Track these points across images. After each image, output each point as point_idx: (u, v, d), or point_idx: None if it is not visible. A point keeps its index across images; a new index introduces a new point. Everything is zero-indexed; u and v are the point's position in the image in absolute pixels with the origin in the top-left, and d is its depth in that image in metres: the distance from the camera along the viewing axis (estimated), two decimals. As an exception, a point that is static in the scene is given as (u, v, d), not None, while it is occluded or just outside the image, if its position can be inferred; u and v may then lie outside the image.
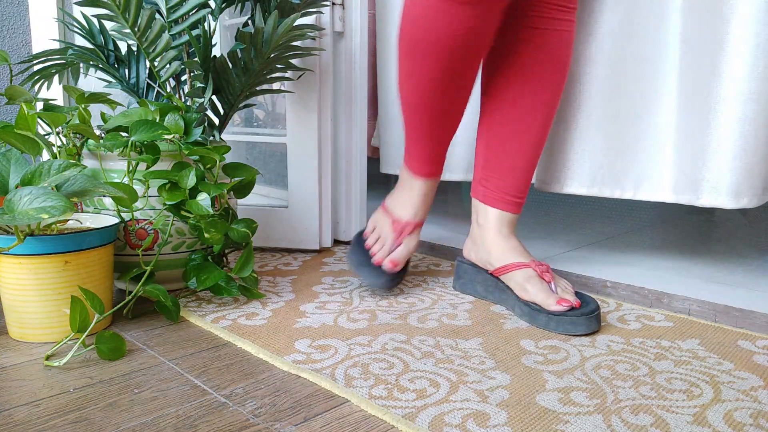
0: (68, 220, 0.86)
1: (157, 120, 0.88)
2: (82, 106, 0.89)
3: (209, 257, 0.94)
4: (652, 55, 0.95)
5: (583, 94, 1.00)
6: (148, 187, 0.88)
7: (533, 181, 1.10)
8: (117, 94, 1.11)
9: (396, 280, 0.97)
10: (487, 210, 0.93)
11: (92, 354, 0.73)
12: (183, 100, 1.02)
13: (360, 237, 1.01)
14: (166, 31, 0.94)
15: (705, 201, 0.91)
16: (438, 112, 0.88)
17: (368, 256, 0.96)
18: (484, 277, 0.94)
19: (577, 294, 0.85)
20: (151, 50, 0.94)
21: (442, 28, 0.78)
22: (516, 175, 0.92)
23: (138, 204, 0.88)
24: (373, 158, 1.73)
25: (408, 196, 0.98)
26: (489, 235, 0.93)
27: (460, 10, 0.76)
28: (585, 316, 0.80)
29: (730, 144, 0.86)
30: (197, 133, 0.91)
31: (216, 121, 1.05)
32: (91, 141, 0.90)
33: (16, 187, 0.69)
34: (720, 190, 0.89)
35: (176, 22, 0.96)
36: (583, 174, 1.03)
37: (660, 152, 0.97)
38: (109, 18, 0.93)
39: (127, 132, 0.87)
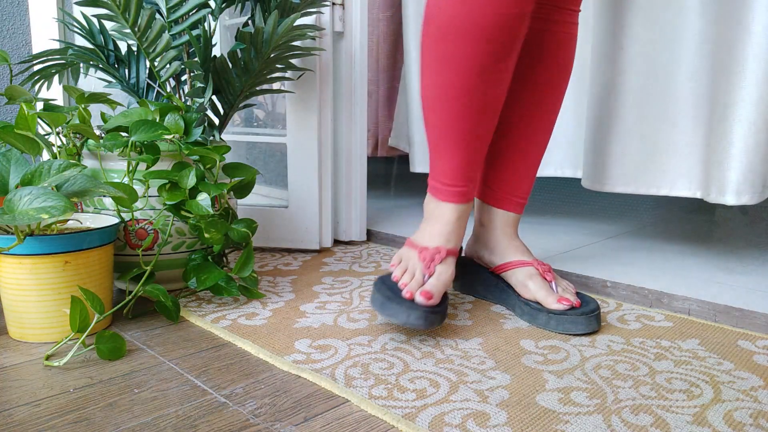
0: (68, 220, 0.86)
1: (157, 120, 0.88)
2: (82, 106, 0.89)
3: (209, 257, 0.94)
4: (677, 66, 1.02)
5: (618, 101, 1.08)
6: (148, 187, 0.88)
7: (581, 177, 1.19)
8: (117, 94, 1.11)
9: (432, 318, 0.76)
10: (491, 210, 0.93)
11: (92, 354, 0.73)
12: (183, 100, 1.02)
13: (382, 277, 0.84)
14: (166, 31, 0.94)
15: (730, 199, 0.95)
16: (477, 107, 0.79)
17: (396, 290, 0.79)
18: (485, 276, 0.94)
19: (578, 294, 0.85)
20: (151, 50, 0.94)
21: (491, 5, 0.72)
22: (520, 178, 0.92)
23: (138, 204, 0.88)
24: (373, 158, 1.74)
25: (436, 226, 0.85)
26: (493, 235, 0.93)
27: None
28: (585, 315, 0.80)
29: (735, 144, 0.92)
30: (197, 133, 0.91)
31: (216, 121, 1.05)
32: (91, 141, 0.90)
33: (16, 187, 0.69)
34: (725, 188, 0.94)
35: (176, 22, 0.96)
36: (625, 174, 1.10)
37: (689, 152, 1.03)
38: (109, 18, 0.93)
39: (127, 132, 0.87)
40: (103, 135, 0.92)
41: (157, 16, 0.94)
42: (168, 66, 0.96)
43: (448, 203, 0.85)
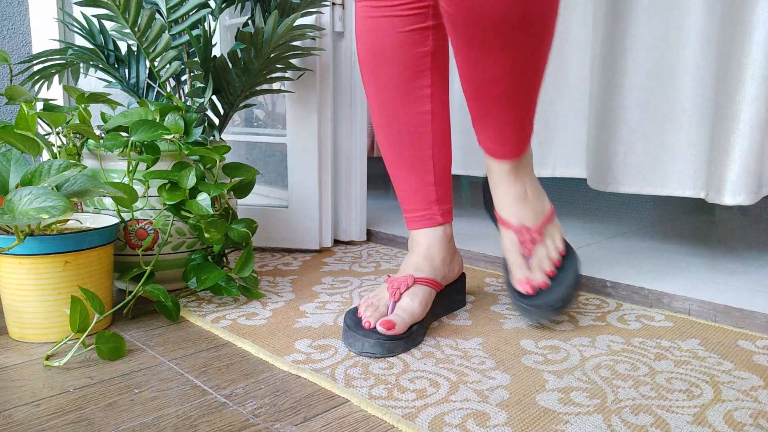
0: (68, 220, 0.86)
1: (157, 120, 0.88)
2: (82, 106, 0.89)
3: (209, 257, 0.94)
4: (680, 66, 1.01)
5: (622, 102, 1.07)
6: (148, 187, 0.88)
7: (587, 178, 1.17)
8: (117, 94, 1.11)
9: (390, 345, 0.73)
10: (488, 160, 0.85)
11: (92, 354, 0.73)
12: (183, 100, 1.02)
13: (350, 309, 0.82)
14: (166, 31, 0.94)
15: (727, 200, 0.95)
16: (398, 127, 0.82)
17: (358, 321, 0.77)
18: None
19: (563, 262, 0.82)
20: (151, 50, 0.94)
21: None
22: (497, 126, 0.81)
23: (138, 204, 0.88)
24: (373, 158, 1.74)
25: (410, 257, 0.85)
26: (492, 182, 0.85)
27: None
28: (536, 307, 0.79)
29: (732, 144, 0.91)
30: (197, 133, 0.91)
31: (216, 121, 1.05)
32: (91, 141, 0.90)
33: (16, 187, 0.69)
34: (723, 188, 0.93)
35: (176, 22, 0.96)
36: (629, 174, 1.09)
37: (693, 153, 1.02)
38: (109, 18, 0.93)
39: (127, 132, 0.87)
40: (103, 135, 0.92)
41: (157, 16, 0.94)
42: (168, 66, 0.96)
43: (415, 230, 0.86)
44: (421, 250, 0.85)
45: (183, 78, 1.04)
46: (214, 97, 1.03)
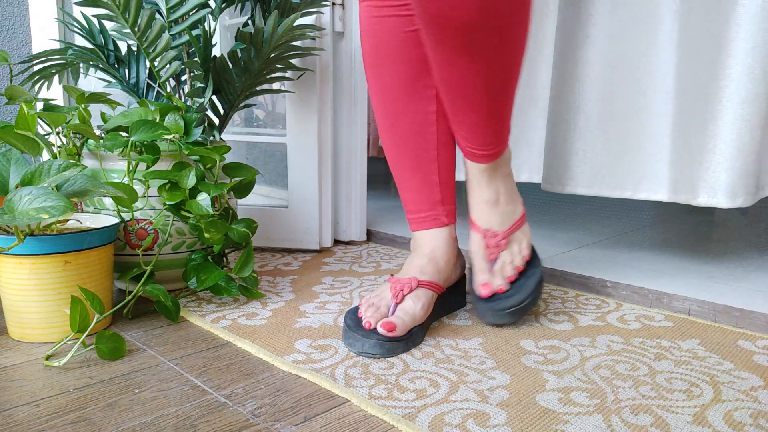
0: (68, 220, 0.86)
1: (157, 120, 0.88)
2: (82, 106, 0.89)
3: (209, 257, 0.94)
4: (650, 57, 0.96)
5: (582, 95, 1.01)
6: (148, 187, 0.88)
7: (540, 181, 1.11)
8: (117, 94, 1.11)
9: (391, 346, 0.73)
10: (466, 161, 0.86)
11: (92, 354, 0.73)
12: (183, 100, 1.02)
13: (350, 309, 0.81)
14: (166, 31, 0.94)
15: (702, 200, 0.92)
16: (404, 127, 0.81)
17: (359, 321, 0.77)
18: None
19: (527, 269, 0.82)
20: (151, 50, 0.94)
21: None
22: (469, 127, 0.82)
23: (138, 204, 0.88)
24: (373, 158, 1.74)
25: (414, 260, 0.84)
26: (468, 185, 0.86)
27: None
28: (491, 310, 0.80)
29: (726, 144, 0.88)
30: (197, 133, 0.91)
31: (216, 121, 1.05)
32: (91, 141, 0.90)
33: (16, 187, 0.69)
34: (717, 190, 0.90)
35: (176, 22, 0.96)
36: (585, 174, 1.04)
37: (659, 152, 0.98)
38: (109, 18, 0.93)
39: (127, 132, 0.87)
40: (103, 135, 0.92)
41: (157, 16, 0.94)
42: (168, 66, 0.96)
43: (418, 232, 0.85)
44: (426, 251, 0.84)
45: (183, 78, 1.04)
46: (214, 97, 1.03)
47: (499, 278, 0.82)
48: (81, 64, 1.05)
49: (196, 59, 0.97)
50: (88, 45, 1.02)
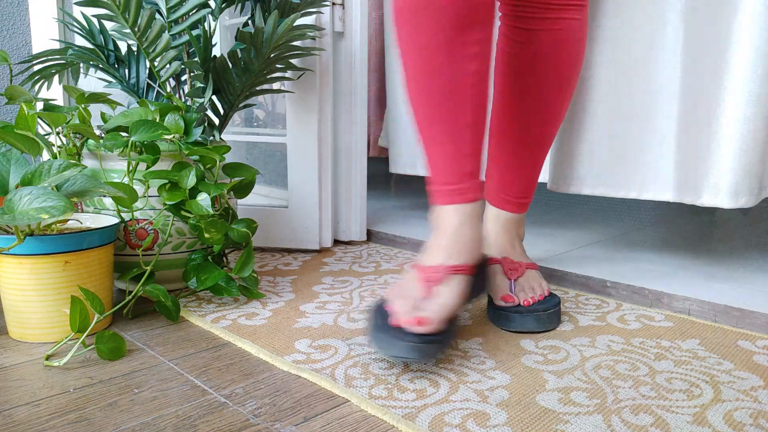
0: (68, 220, 0.86)
1: (157, 120, 0.88)
2: (82, 106, 0.89)
3: (209, 257, 0.94)
4: (654, 57, 0.96)
5: (587, 96, 1.02)
6: (148, 187, 0.88)
7: (546, 181, 1.12)
8: (117, 94, 1.11)
9: (425, 349, 0.66)
10: (488, 207, 0.93)
11: (92, 354, 0.73)
12: (183, 100, 1.02)
13: (379, 302, 0.75)
14: (166, 31, 0.94)
15: (705, 201, 0.92)
16: (449, 87, 0.72)
17: (385, 318, 0.70)
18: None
19: (548, 298, 0.85)
20: (151, 50, 0.94)
21: None
22: (513, 179, 0.90)
23: (138, 204, 0.88)
24: (373, 158, 1.74)
25: (439, 240, 0.75)
26: (485, 228, 0.91)
27: None
28: (519, 313, 0.81)
29: (729, 145, 0.88)
30: (197, 133, 0.91)
31: (216, 121, 1.05)
32: (91, 141, 0.90)
33: (17, 187, 0.69)
34: (720, 190, 0.90)
35: (176, 22, 0.96)
36: (591, 174, 1.04)
37: (665, 153, 0.98)
38: (109, 18, 0.93)
39: (127, 132, 0.87)
40: (103, 135, 0.92)
41: (157, 16, 0.94)
42: (168, 66, 0.96)
43: (446, 206, 0.76)
44: (450, 229, 0.75)
45: (183, 78, 1.04)
46: (214, 97, 1.03)
47: (522, 294, 0.84)
48: (81, 64, 1.05)
49: (196, 59, 0.97)
50: (88, 45, 1.02)
